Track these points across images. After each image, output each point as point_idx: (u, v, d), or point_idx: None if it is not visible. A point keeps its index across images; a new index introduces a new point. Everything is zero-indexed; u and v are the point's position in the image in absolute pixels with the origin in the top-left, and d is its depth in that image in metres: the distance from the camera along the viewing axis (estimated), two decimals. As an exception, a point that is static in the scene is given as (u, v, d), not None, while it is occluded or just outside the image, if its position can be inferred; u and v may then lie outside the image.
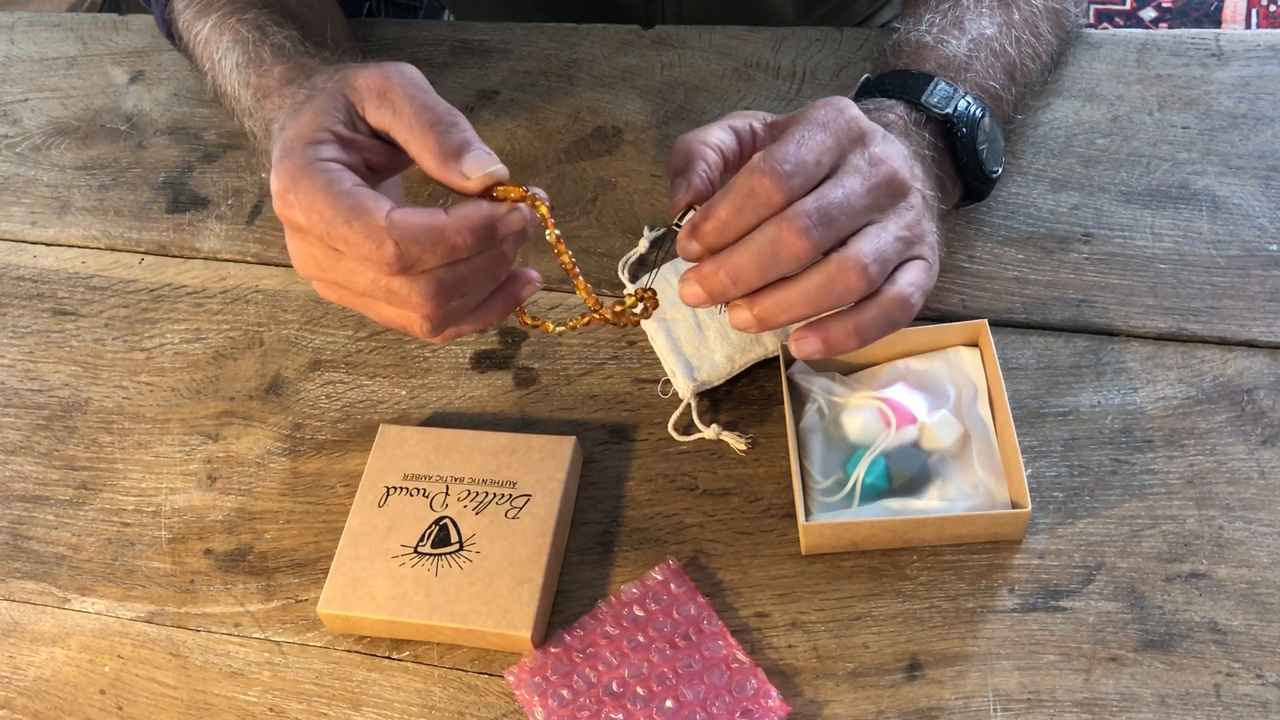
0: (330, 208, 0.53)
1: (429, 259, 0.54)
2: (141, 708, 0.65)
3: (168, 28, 0.82)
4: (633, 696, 0.61)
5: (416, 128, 0.55)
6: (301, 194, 0.54)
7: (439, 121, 0.55)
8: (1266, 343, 0.69)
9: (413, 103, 0.55)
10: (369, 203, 0.53)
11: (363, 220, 0.53)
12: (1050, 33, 0.77)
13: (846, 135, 0.59)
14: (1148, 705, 0.58)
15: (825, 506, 0.65)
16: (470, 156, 0.55)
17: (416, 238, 0.53)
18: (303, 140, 0.55)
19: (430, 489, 0.67)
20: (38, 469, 0.75)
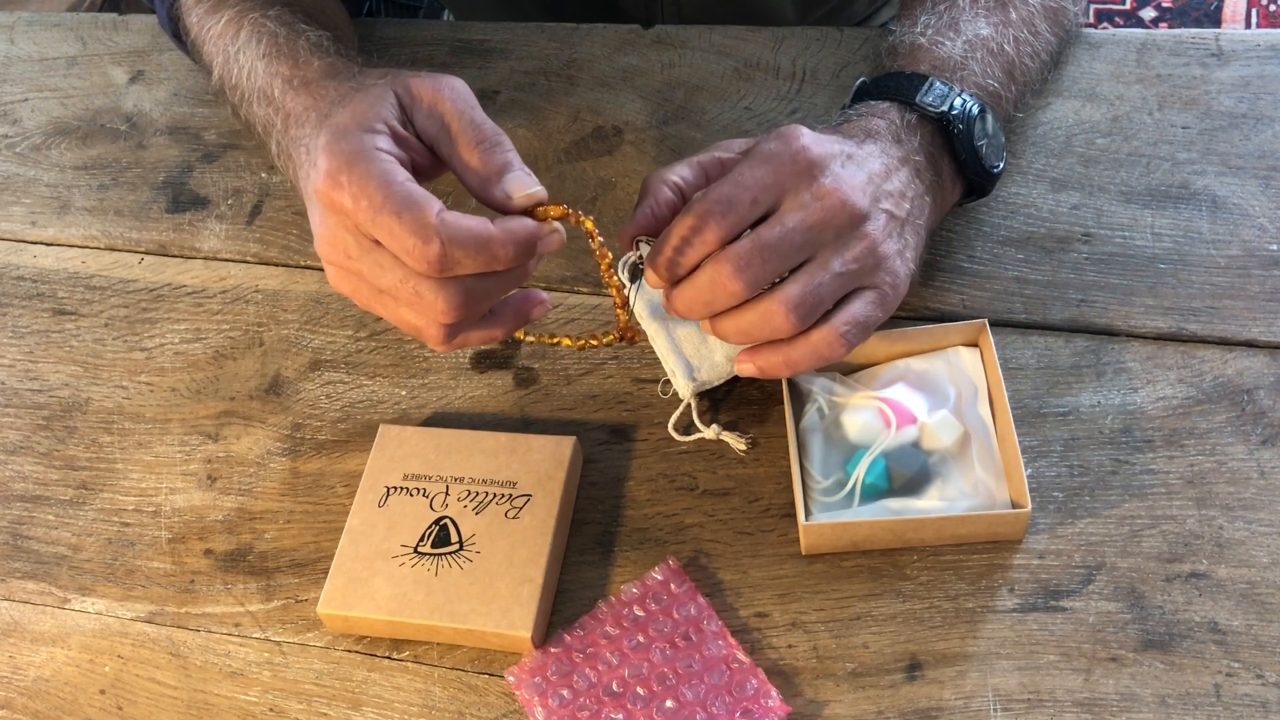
0: (382, 196, 0.54)
1: (469, 265, 0.55)
2: (141, 708, 0.65)
3: (173, 25, 0.82)
4: (633, 696, 0.61)
5: (462, 144, 0.57)
6: (354, 177, 0.55)
7: (484, 141, 0.57)
8: (1266, 343, 0.69)
9: (460, 118, 0.57)
10: (421, 199, 0.54)
11: (413, 214, 0.54)
12: (1049, 31, 0.77)
13: (791, 169, 0.60)
14: (1148, 705, 0.58)
15: (825, 506, 0.65)
16: (512, 177, 0.57)
17: (463, 241, 0.54)
18: (358, 125, 0.56)
19: (430, 489, 0.67)
20: (38, 469, 0.75)
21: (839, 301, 0.61)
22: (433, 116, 0.58)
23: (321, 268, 0.81)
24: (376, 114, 0.57)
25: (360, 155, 0.55)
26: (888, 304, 0.63)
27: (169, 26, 0.83)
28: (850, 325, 0.61)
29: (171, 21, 0.82)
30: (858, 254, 0.61)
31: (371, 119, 0.57)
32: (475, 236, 0.54)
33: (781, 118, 0.83)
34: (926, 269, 0.74)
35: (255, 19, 0.73)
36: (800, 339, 0.61)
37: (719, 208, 0.58)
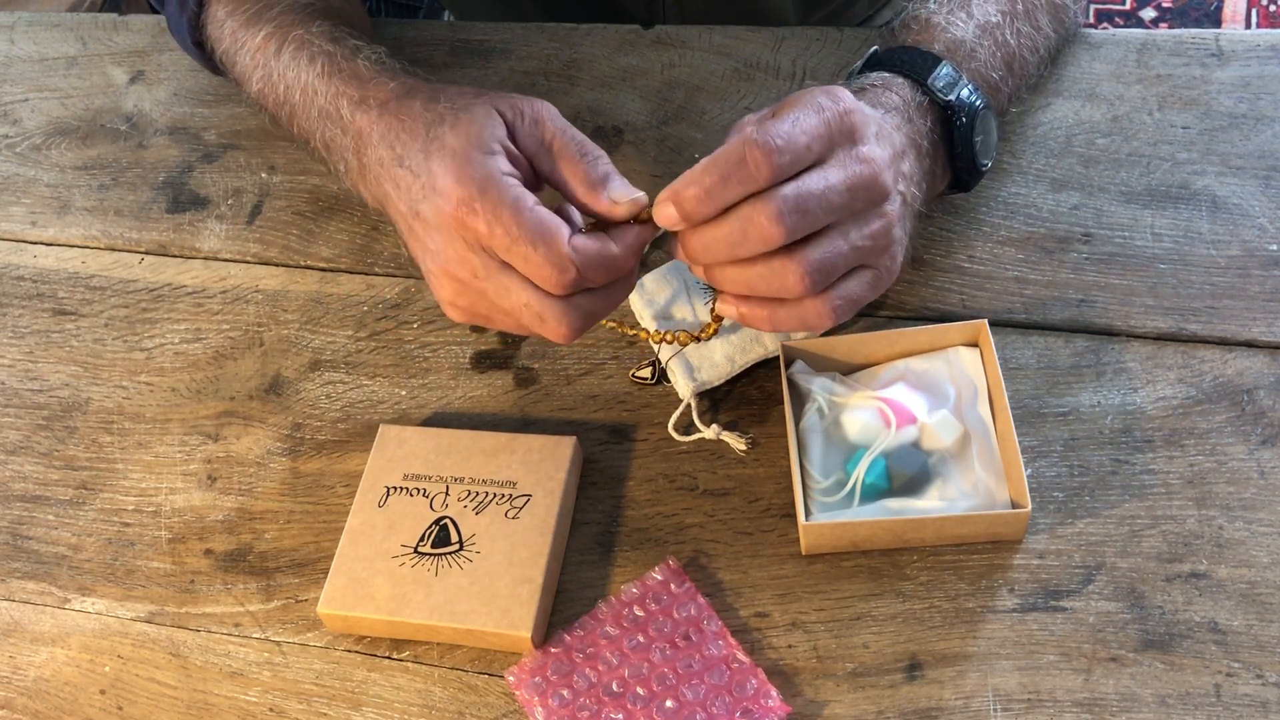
0: (517, 225, 0.57)
1: (599, 281, 0.59)
2: (141, 708, 0.65)
3: (195, 34, 0.81)
4: (633, 696, 0.61)
5: (566, 157, 0.60)
6: (488, 204, 0.57)
7: (586, 154, 0.60)
8: (1266, 343, 0.69)
9: (561, 135, 0.60)
10: (554, 227, 0.57)
11: (548, 244, 0.57)
12: (1049, 26, 0.77)
13: (839, 127, 0.59)
14: (1148, 705, 0.58)
15: (825, 506, 0.65)
16: (615, 185, 0.59)
17: (595, 264, 0.58)
18: (478, 148, 0.59)
19: (430, 489, 0.67)
20: (38, 469, 0.75)
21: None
22: (534, 134, 0.60)
23: (322, 268, 0.81)
24: (491, 134, 0.59)
25: (490, 181, 0.58)
26: (879, 287, 0.62)
27: (189, 35, 0.82)
28: (844, 301, 0.61)
29: (194, 30, 0.81)
30: (875, 231, 0.60)
31: (488, 140, 0.59)
32: (604, 257, 0.58)
33: (781, 118, 0.83)
34: (926, 269, 0.74)
35: (300, 35, 0.73)
36: (793, 304, 0.60)
37: (779, 142, 0.56)
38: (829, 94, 0.60)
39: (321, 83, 0.71)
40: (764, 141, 0.56)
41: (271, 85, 0.74)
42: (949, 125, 0.68)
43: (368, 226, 0.83)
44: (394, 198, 0.64)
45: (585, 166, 0.60)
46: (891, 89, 0.67)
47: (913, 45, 0.70)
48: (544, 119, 0.61)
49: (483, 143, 0.59)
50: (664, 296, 0.73)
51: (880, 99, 0.66)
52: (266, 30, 0.75)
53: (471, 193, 0.58)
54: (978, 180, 0.71)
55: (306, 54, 0.72)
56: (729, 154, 0.57)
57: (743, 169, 0.56)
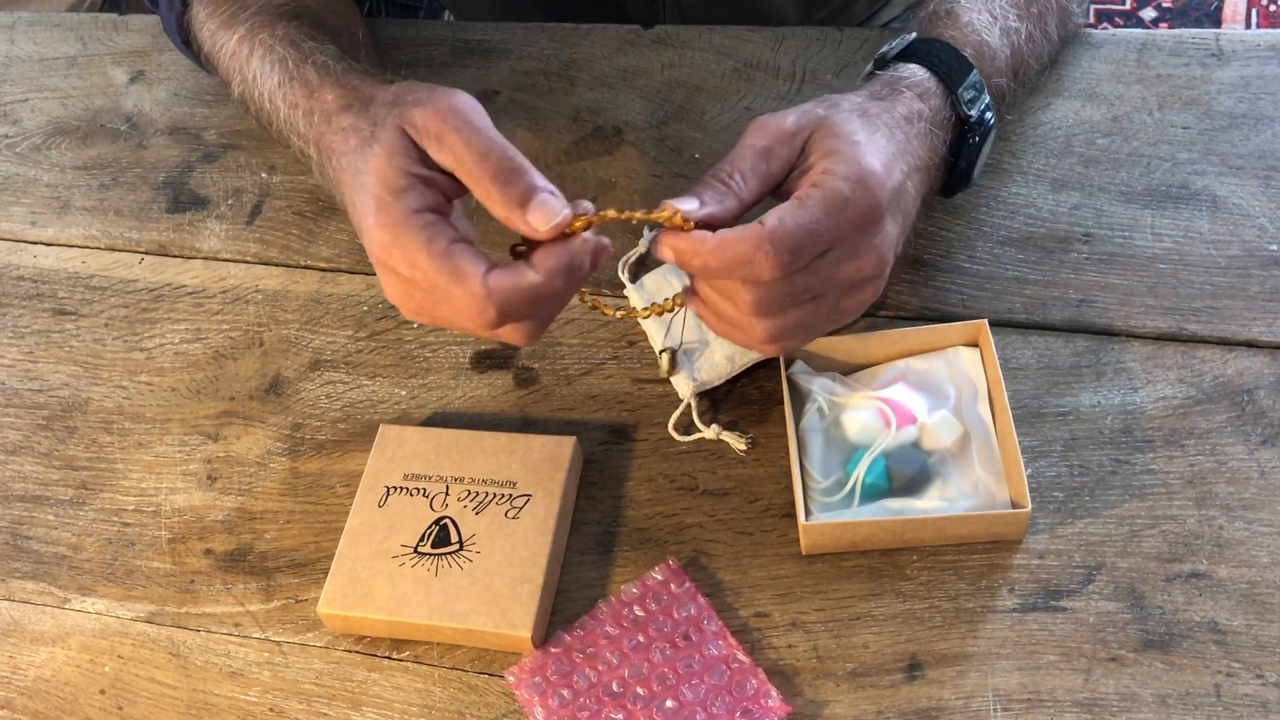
0: (433, 269, 0.56)
1: (527, 312, 0.57)
2: (141, 708, 0.65)
3: (183, 33, 0.82)
4: (633, 696, 0.61)
5: (478, 178, 0.56)
6: (403, 250, 0.57)
7: (499, 172, 0.56)
8: (1266, 343, 0.69)
9: (470, 149, 0.56)
10: (468, 267, 0.56)
11: (463, 287, 0.56)
12: (1055, 32, 0.77)
13: (860, 223, 0.59)
14: (1148, 705, 0.58)
15: (825, 506, 0.65)
16: (534, 206, 0.56)
17: (514, 299, 0.56)
18: (389, 190, 0.57)
19: (430, 489, 0.67)
20: (38, 469, 0.75)
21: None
22: (442, 149, 0.57)
23: (322, 268, 0.81)
24: (397, 169, 0.57)
25: (401, 227, 0.57)
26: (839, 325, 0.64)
27: (178, 34, 0.82)
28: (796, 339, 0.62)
29: (181, 29, 0.82)
30: (859, 302, 0.62)
31: (394, 177, 0.57)
32: (524, 291, 0.56)
33: (781, 118, 0.83)
34: (926, 269, 0.74)
35: (265, 39, 0.73)
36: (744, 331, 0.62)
37: (787, 258, 0.57)
38: (864, 185, 0.59)
39: (279, 92, 0.71)
40: (777, 256, 0.57)
41: (249, 89, 0.74)
42: (962, 139, 0.68)
43: (368, 226, 0.83)
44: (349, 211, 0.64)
45: (498, 189, 0.56)
46: (926, 98, 0.66)
47: (949, 42, 0.69)
48: (448, 132, 0.57)
49: (391, 181, 0.57)
50: (664, 296, 0.73)
51: (908, 108, 0.65)
52: (240, 32, 0.74)
53: (388, 238, 0.57)
54: (961, 190, 0.72)
55: (269, 60, 0.72)
56: (738, 252, 0.57)
57: (749, 267, 0.57)
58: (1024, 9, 0.74)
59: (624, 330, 0.75)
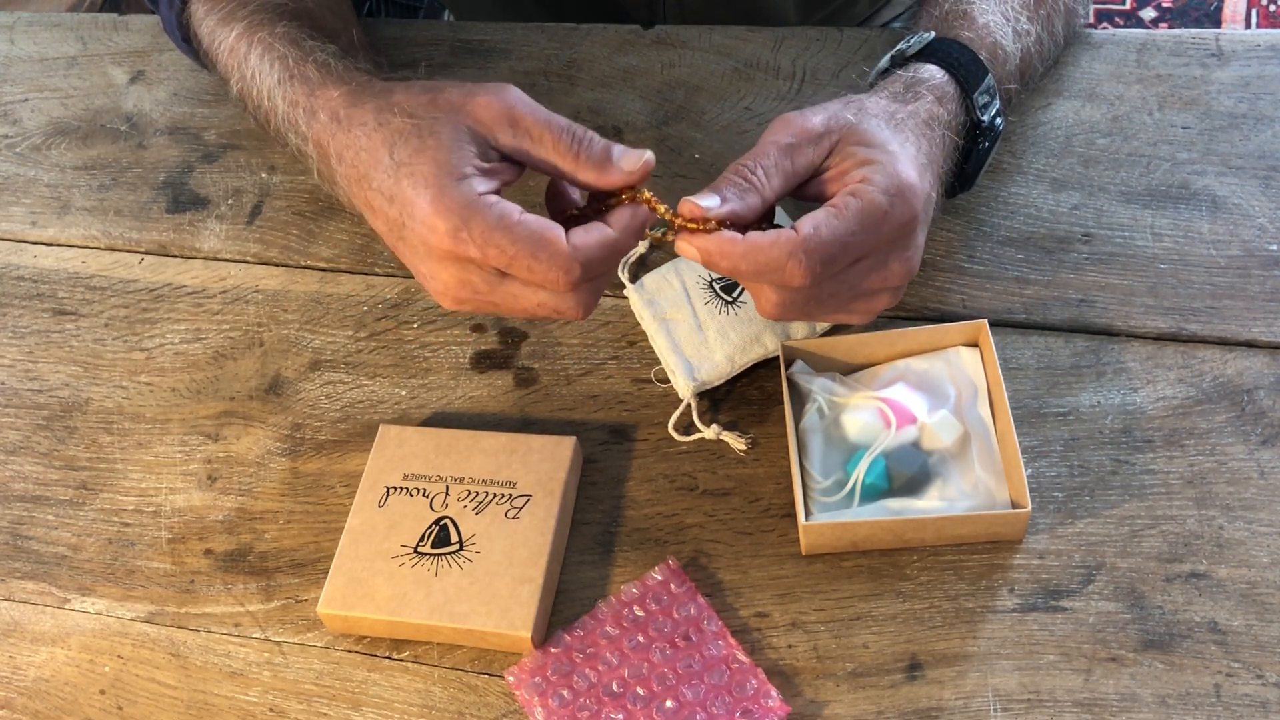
0: (512, 242, 0.56)
1: (606, 268, 0.58)
2: (141, 708, 0.65)
3: (182, 31, 0.81)
4: (633, 696, 0.61)
5: (563, 150, 0.59)
6: (476, 232, 0.57)
7: (576, 139, 0.59)
8: (1266, 343, 0.69)
9: (549, 127, 0.59)
10: (549, 232, 0.57)
11: (549, 251, 0.56)
12: (1061, 33, 0.78)
13: (894, 234, 0.60)
14: (1148, 705, 0.58)
15: (825, 506, 0.65)
16: (621, 156, 0.58)
17: (599, 255, 0.57)
18: (452, 176, 0.58)
19: (430, 489, 0.67)
20: (38, 469, 0.75)
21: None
22: (518, 133, 0.59)
23: (322, 268, 0.81)
24: (461, 159, 0.58)
25: (472, 209, 0.57)
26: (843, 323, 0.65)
27: (177, 32, 0.82)
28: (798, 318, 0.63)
29: (180, 27, 0.82)
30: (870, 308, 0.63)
31: (459, 165, 0.58)
32: (605, 246, 0.58)
33: (781, 118, 0.83)
34: (926, 269, 0.74)
35: (264, 38, 0.73)
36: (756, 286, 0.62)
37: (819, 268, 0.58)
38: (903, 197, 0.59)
39: (279, 90, 0.70)
40: (810, 265, 0.57)
41: (246, 87, 0.74)
42: (972, 143, 0.68)
43: (368, 226, 0.83)
44: (370, 216, 0.63)
45: (584, 154, 0.59)
46: (944, 102, 0.66)
47: (966, 43, 0.69)
48: (522, 117, 0.59)
49: (454, 169, 0.58)
50: (664, 296, 0.73)
51: (928, 112, 0.65)
52: (238, 30, 0.74)
53: (455, 223, 0.57)
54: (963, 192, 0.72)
55: (268, 58, 0.72)
56: (771, 257, 0.57)
57: (779, 273, 0.57)
58: (1034, 11, 0.74)
59: (624, 330, 0.75)
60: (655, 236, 0.61)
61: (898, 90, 0.66)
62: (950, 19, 0.72)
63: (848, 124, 0.61)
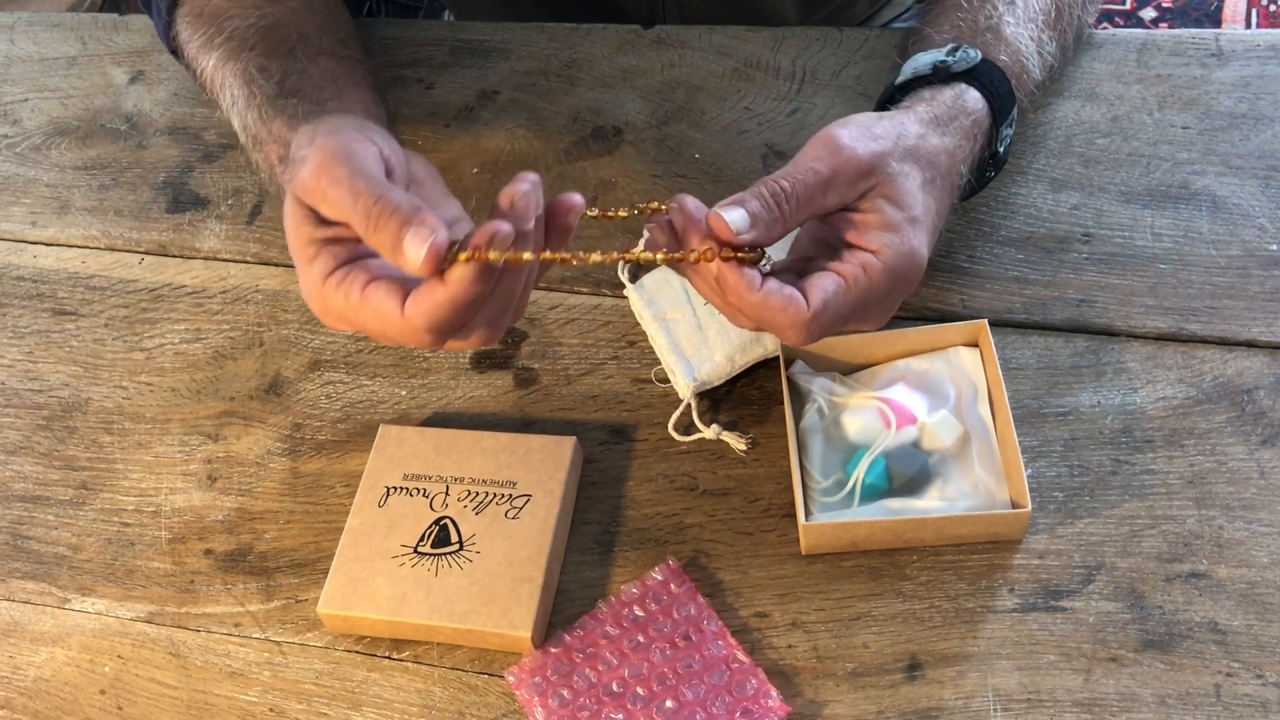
0: (360, 319, 0.56)
1: (460, 322, 0.55)
2: (141, 708, 0.65)
3: (170, 44, 0.82)
4: (633, 696, 0.61)
5: (360, 228, 0.54)
6: (332, 314, 0.57)
7: (372, 219, 0.53)
8: (1266, 343, 0.69)
9: (350, 203, 0.54)
10: (384, 305, 0.55)
11: (388, 323, 0.55)
12: (1071, 48, 0.78)
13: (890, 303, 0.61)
14: (1148, 705, 0.58)
15: (825, 506, 0.65)
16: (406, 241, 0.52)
17: (438, 317, 0.54)
18: (302, 261, 0.58)
19: (430, 489, 0.67)
20: (38, 469, 0.75)
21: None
22: (328, 207, 0.55)
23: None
24: (303, 239, 0.57)
25: (319, 294, 0.57)
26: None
27: (167, 44, 0.82)
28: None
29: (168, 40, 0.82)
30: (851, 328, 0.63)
31: (302, 247, 0.57)
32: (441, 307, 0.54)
33: (781, 118, 0.83)
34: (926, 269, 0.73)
35: (233, 70, 0.73)
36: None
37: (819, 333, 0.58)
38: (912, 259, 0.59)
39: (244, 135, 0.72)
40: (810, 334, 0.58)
41: (227, 114, 0.75)
42: (981, 175, 0.69)
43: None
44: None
45: (376, 239, 0.53)
46: (977, 137, 0.66)
47: (1003, 69, 0.68)
48: (328, 192, 0.55)
49: (300, 252, 0.57)
50: (664, 296, 0.73)
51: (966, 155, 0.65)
52: (215, 58, 0.74)
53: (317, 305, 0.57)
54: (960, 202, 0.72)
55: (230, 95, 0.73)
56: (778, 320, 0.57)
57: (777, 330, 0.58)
58: (1054, 29, 0.74)
59: (624, 330, 0.75)
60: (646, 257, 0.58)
61: (941, 114, 0.65)
62: (981, 33, 0.70)
63: (890, 175, 0.59)
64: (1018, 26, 0.71)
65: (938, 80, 0.67)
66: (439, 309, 0.54)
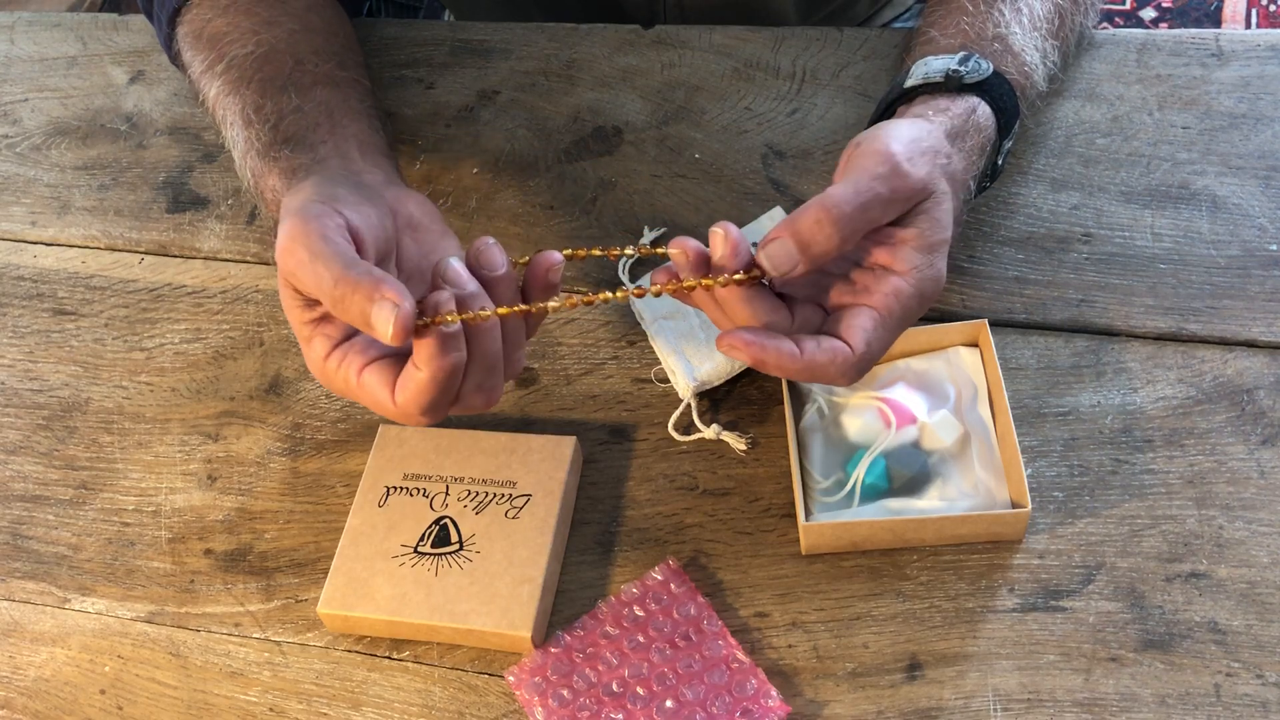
0: (361, 399, 0.58)
1: (450, 393, 0.56)
2: (141, 708, 0.65)
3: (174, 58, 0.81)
4: (633, 696, 0.61)
5: (328, 308, 0.55)
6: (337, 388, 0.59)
7: (336, 299, 0.54)
8: (1266, 343, 0.69)
9: (315, 284, 0.55)
10: (376, 395, 0.57)
11: (384, 408, 0.57)
12: (1071, 55, 0.78)
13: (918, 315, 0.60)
14: (1148, 705, 0.58)
15: (825, 506, 0.65)
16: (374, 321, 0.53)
17: (426, 400, 0.55)
18: (302, 341, 0.60)
19: (430, 489, 0.67)
20: (38, 469, 0.75)
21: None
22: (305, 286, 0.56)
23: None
24: (297, 321, 0.59)
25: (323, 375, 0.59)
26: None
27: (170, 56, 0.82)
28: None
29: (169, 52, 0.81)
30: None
31: (298, 328, 0.59)
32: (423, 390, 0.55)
33: (781, 118, 0.83)
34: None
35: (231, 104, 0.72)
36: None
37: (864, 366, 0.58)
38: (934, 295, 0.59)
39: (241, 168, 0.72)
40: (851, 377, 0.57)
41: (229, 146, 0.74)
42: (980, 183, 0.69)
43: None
44: None
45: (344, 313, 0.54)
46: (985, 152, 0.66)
47: (1013, 82, 0.68)
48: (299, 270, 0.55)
49: (299, 333, 0.59)
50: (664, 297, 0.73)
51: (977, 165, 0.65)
52: (216, 88, 0.74)
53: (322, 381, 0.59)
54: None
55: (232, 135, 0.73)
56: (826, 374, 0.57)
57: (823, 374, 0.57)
58: (1057, 35, 0.74)
59: (624, 330, 0.75)
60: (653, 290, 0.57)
61: (958, 129, 0.64)
62: (989, 41, 0.70)
63: (937, 196, 0.58)
64: (1024, 37, 0.71)
65: (949, 89, 0.66)
66: (423, 392, 0.55)
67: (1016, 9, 0.71)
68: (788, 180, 0.80)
